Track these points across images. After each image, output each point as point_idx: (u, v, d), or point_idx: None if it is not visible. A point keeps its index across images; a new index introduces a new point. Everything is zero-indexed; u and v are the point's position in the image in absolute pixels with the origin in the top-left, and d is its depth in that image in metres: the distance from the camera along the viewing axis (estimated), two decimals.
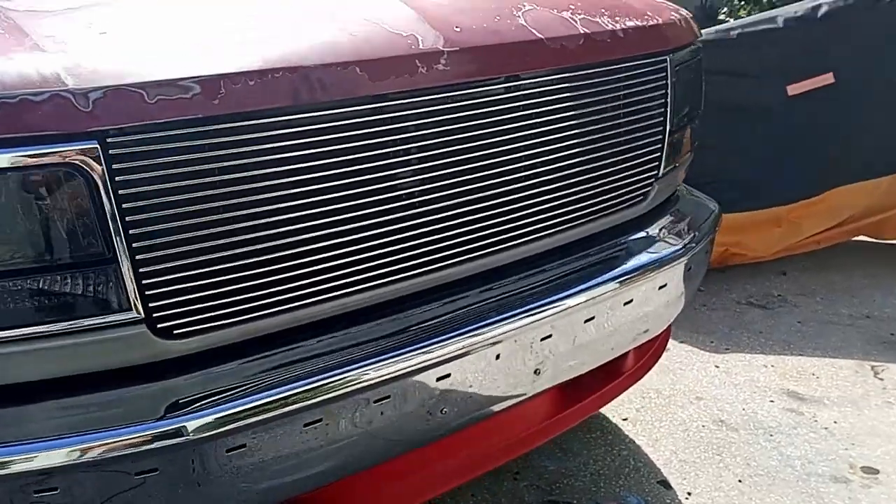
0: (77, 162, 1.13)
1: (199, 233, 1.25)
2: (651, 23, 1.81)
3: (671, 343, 3.32)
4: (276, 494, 1.38)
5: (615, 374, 2.04)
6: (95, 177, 1.14)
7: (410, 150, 1.42)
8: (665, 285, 1.85)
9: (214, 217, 1.25)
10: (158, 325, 1.26)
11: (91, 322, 1.20)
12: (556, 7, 1.70)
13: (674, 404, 2.90)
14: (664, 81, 1.84)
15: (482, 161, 1.55)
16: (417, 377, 1.45)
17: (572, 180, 1.70)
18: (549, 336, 1.63)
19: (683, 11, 2.06)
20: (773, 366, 3.15)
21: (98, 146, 1.14)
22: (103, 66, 1.18)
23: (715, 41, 3.76)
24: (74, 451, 1.17)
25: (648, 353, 2.11)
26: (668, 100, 1.86)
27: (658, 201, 1.97)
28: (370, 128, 1.37)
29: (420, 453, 1.63)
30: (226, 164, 1.25)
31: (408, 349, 1.44)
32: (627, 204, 1.85)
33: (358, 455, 1.45)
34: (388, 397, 1.43)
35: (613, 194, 1.80)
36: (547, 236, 1.71)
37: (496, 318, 1.56)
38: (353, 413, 1.39)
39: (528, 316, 1.58)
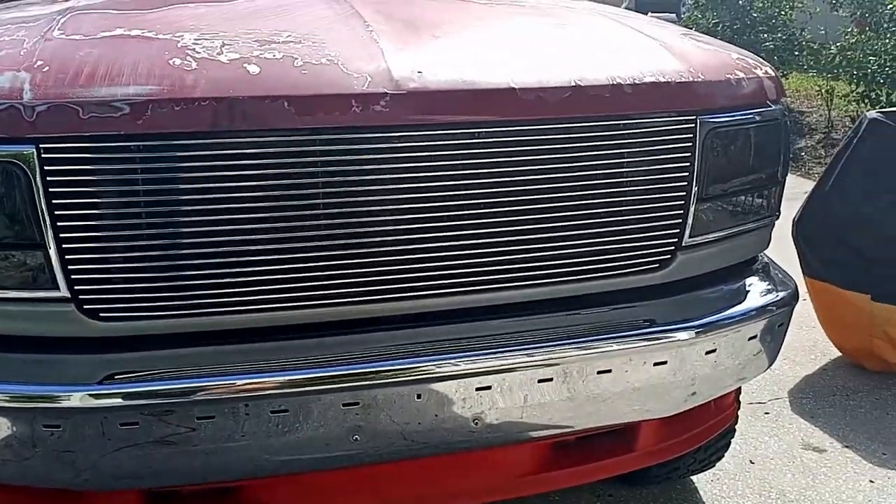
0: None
1: (122, 233, 1.46)
2: (675, 79, 1.69)
3: (829, 443, 2.92)
4: (158, 478, 1.55)
5: (623, 448, 1.91)
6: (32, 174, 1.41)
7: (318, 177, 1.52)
8: (664, 363, 1.70)
9: (135, 221, 1.46)
10: (85, 307, 1.49)
11: (27, 294, 1.47)
12: (559, 55, 1.67)
13: None
14: (687, 144, 1.70)
15: (443, 201, 1.58)
16: (327, 397, 1.53)
17: (543, 234, 1.64)
18: (489, 387, 1.60)
19: (762, 71, 1.86)
20: None
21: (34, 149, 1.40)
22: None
23: None
24: None
25: (670, 439, 1.94)
26: (695, 164, 1.71)
27: (693, 272, 1.81)
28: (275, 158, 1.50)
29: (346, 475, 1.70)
30: (148, 175, 1.45)
31: (315, 370, 1.53)
32: (630, 269, 1.73)
33: (245, 463, 1.57)
34: (286, 411, 1.52)
35: (603, 256, 1.70)
36: (516, 287, 1.67)
37: (423, 357, 1.58)
38: (250, 418, 1.51)
39: (460, 362, 1.58)
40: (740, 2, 9.63)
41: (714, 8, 9.92)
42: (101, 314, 1.50)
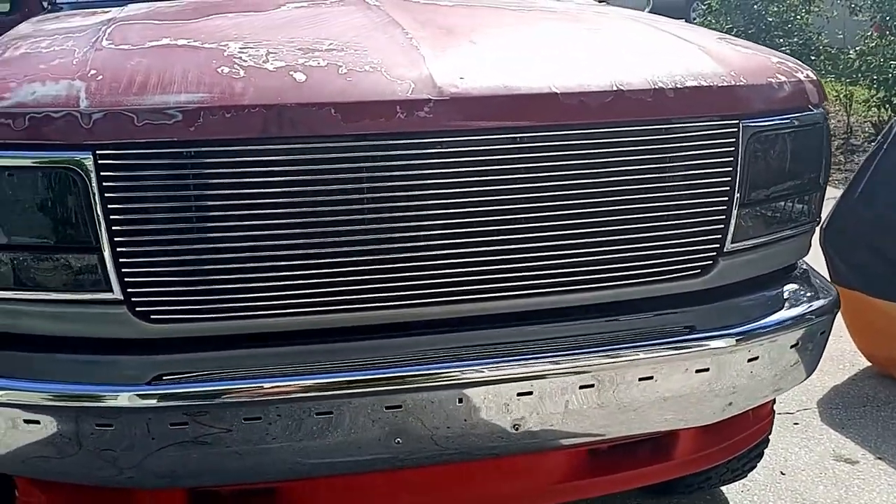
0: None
1: (174, 237, 1.48)
2: (717, 83, 1.69)
3: (861, 454, 2.89)
4: (204, 477, 1.57)
5: (660, 457, 1.91)
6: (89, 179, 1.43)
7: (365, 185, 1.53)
8: (706, 370, 1.70)
9: (186, 225, 1.48)
10: (137, 309, 1.51)
11: (81, 296, 1.49)
12: (598, 59, 1.69)
13: None
14: (730, 149, 1.70)
15: (477, 207, 1.59)
16: (363, 400, 1.54)
17: (586, 239, 1.65)
18: (531, 393, 1.61)
19: (803, 75, 1.87)
20: None
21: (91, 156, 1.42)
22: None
23: None
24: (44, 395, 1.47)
25: (708, 448, 1.94)
26: (738, 169, 1.71)
27: (734, 278, 1.81)
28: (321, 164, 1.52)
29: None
30: (199, 181, 1.47)
31: (354, 373, 1.55)
32: (671, 275, 1.73)
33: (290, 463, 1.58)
34: (330, 413, 1.53)
35: (645, 261, 1.70)
36: (554, 293, 1.68)
37: (468, 361, 1.59)
38: (293, 420, 1.52)
39: (499, 368, 1.58)
40: (755, 6, 9.55)
41: (728, 13, 9.84)
42: (153, 316, 1.52)
